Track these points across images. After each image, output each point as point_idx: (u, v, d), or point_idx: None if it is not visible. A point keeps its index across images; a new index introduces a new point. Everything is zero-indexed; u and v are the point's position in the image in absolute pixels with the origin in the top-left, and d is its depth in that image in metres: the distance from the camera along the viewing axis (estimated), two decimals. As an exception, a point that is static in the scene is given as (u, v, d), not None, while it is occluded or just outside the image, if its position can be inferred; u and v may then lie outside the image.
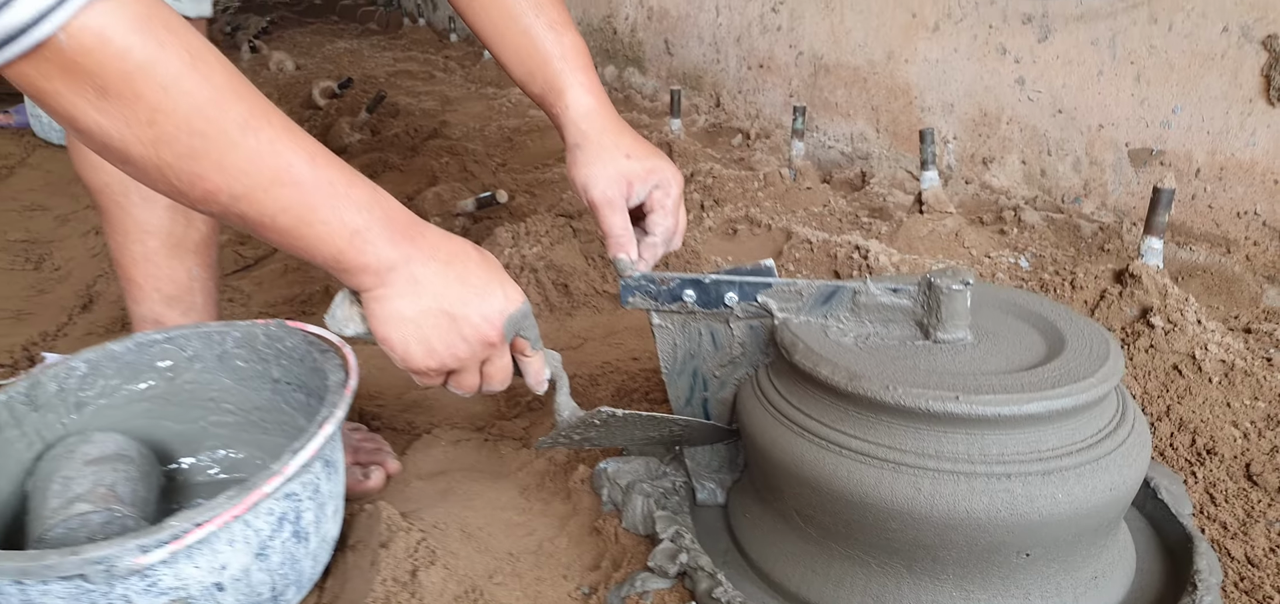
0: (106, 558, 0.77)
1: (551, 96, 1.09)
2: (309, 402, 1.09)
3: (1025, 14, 2.04)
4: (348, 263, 0.82)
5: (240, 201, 0.76)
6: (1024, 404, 0.84)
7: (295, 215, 0.78)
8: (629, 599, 0.97)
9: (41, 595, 0.79)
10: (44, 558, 0.77)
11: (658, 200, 1.10)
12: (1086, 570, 0.90)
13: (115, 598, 0.80)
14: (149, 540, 0.78)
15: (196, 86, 0.71)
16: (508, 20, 1.07)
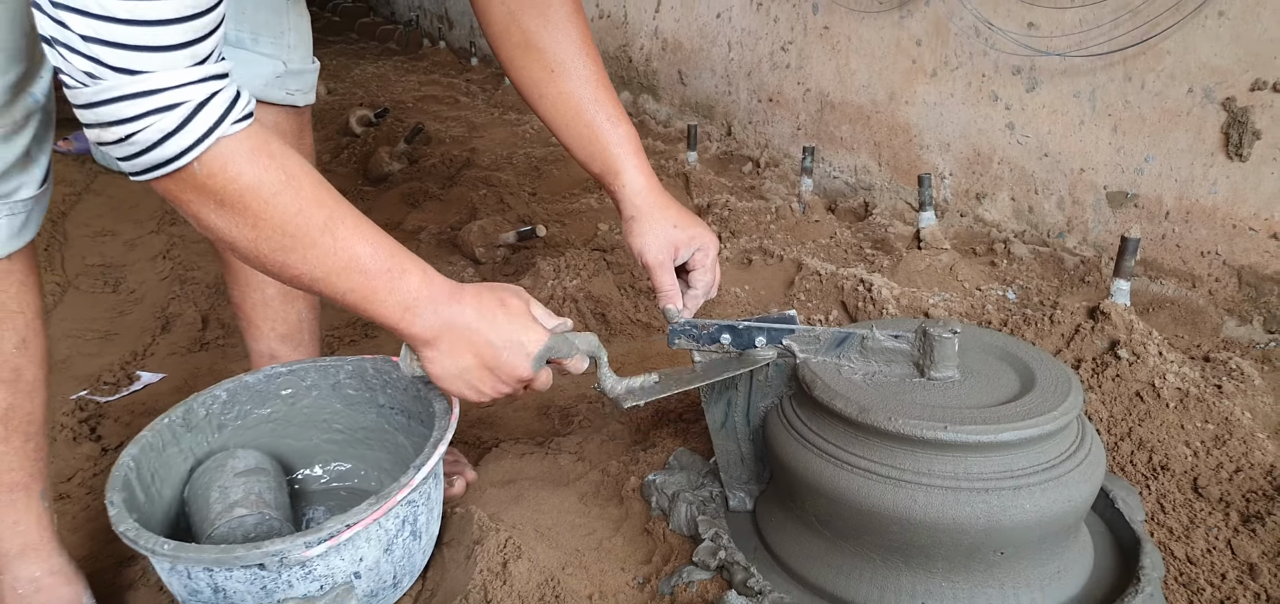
0: (281, 551, 0.99)
1: (609, 176, 1.30)
2: (409, 423, 1.31)
3: (1015, 66, 2.26)
4: (403, 331, 1.05)
5: (319, 284, 0.98)
6: (999, 433, 1.05)
7: (361, 296, 1.00)
8: (677, 587, 1.19)
9: (226, 580, 1.01)
10: (233, 551, 0.99)
11: (698, 261, 1.32)
12: (1051, 566, 1.12)
13: (281, 583, 1.02)
14: (313, 538, 1.00)
15: (289, 201, 0.93)
16: (574, 114, 1.28)
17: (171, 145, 0.84)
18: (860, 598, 1.13)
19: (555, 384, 1.79)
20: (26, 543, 1.13)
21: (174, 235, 2.87)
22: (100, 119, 0.83)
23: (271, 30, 1.28)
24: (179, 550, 0.99)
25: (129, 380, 1.97)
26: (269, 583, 1.02)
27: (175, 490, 1.22)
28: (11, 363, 1.07)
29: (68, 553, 1.18)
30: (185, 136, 0.84)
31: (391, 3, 8.59)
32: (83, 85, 0.81)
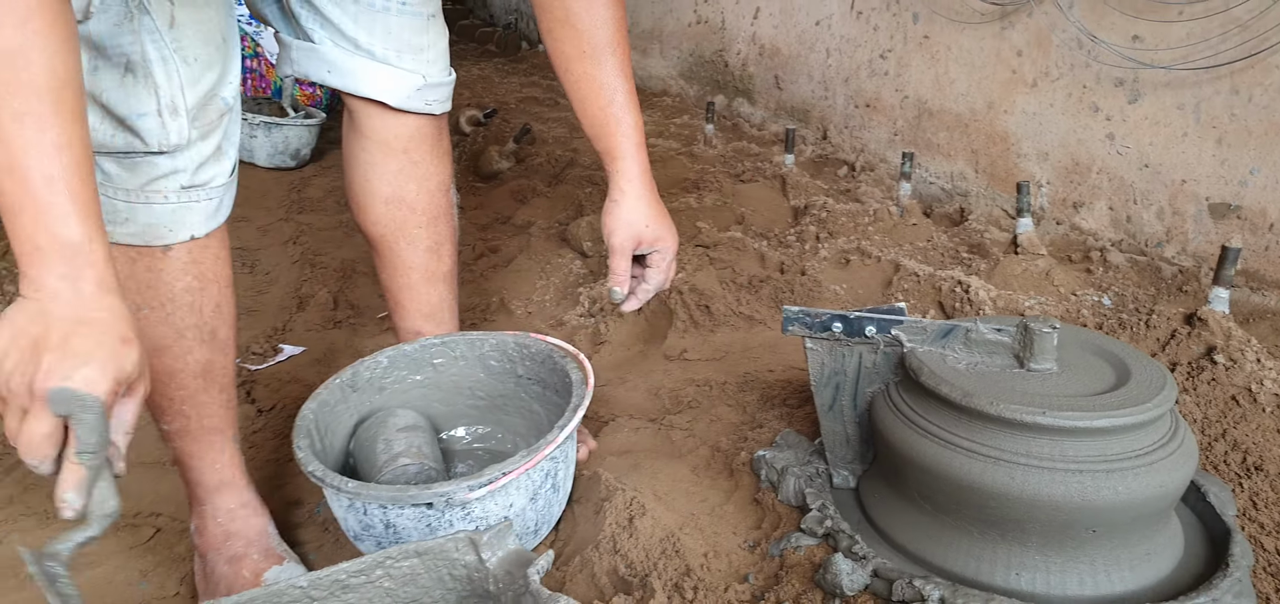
0: (447, 493, 1.13)
1: (611, 158, 1.40)
2: (544, 393, 1.45)
3: (1118, 78, 2.31)
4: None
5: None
6: (1094, 419, 1.14)
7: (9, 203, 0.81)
8: (786, 551, 1.30)
9: (397, 517, 1.16)
10: (406, 491, 1.14)
11: (655, 261, 1.43)
12: (1141, 548, 1.20)
13: (444, 522, 1.17)
14: (475, 483, 1.14)
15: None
16: (594, 95, 1.36)
17: None
18: (958, 567, 1.22)
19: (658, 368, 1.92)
20: (222, 479, 1.30)
21: (302, 224, 3.09)
22: None
23: (413, 47, 1.40)
24: (360, 489, 1.15)
25: (274, 352, 2.16)
26: (434, 521, 1.16)
27: (341, 441, 1.38)
28: (210, 324, 1.23)
29: (255, 489, 1.36)
30: None
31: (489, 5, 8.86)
32: None
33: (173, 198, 1.13)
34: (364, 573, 1.01)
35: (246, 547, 1.30)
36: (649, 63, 5.45)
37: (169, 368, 1.20)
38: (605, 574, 1.26)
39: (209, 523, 1.30)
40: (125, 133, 1.08)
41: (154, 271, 1.16)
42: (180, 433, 1.26)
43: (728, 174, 3.37)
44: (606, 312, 2.18)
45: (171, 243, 1.15)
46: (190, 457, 1.28)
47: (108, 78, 1.05)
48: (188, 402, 1.24)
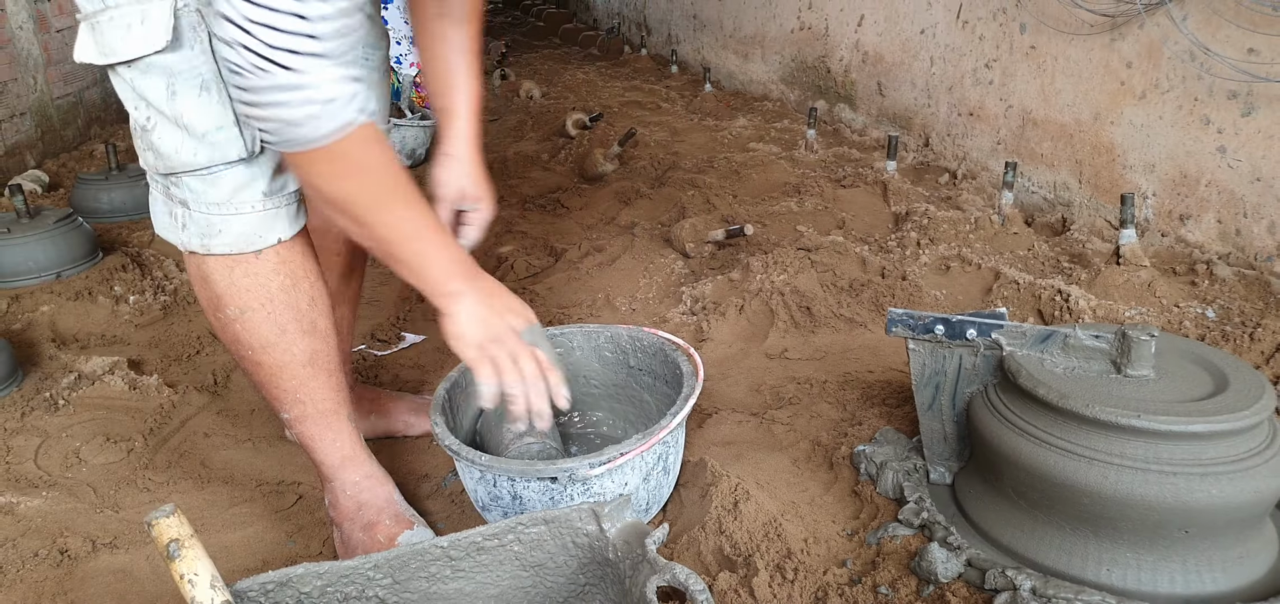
0: (570, 469, 1.25)
1: (450, 114, 1.50)
2: (655, 383, 1.55)
3: (1231, 91, 2.29)
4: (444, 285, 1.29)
5: (389, 244, 1.23)
6: (1190, 424, 1.19)
7: (417, 260, 1.26)
8: (883, 540, 1.38)
9: (524, 489, 1.28)
10: (534, 465, 1.25)
11: (473, 218, 1.52)
12: (1235, 551, 1.24)
13: (565, 496, 1.28)
14: (596, 461, 1.25)
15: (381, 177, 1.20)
16: (445, 53, 1.48)
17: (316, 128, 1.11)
18: (1050, 561, 1.28)
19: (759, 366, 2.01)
20: (345, 455, 1.42)
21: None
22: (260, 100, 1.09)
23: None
24: (492, 463, 1.27)
25: (398, 339, 2.32)
26: (557, 494, 1.28)
27: (470, 419, 1.51)
28: (308, 317, 1.35)
29: (376, 462, 1.49)
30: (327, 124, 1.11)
31: (592, 9, 9.05)
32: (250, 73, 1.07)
33: (259, 206, 1.25)
34: (497, 537, 1.12)
35: (377, 514, 1.41)
36: (750, 67, 5.52)
37: (279, 361, 1.33)
38: (711, 552, 1.35)
39: (340, 497, 1.43)
40: (207, 148, 1.20)
41: (252, 276, 1.29)
42: (299, 419, 1.38)
43: (829, 179, 3.43)
44: (708, 310, 2.28)
45: (262, 247, 1.28)
46: (312, 439, 1.41)
47: (186, 100, 1.18)
48: (301, 389, 1.36)
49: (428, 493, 1.57)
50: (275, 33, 1.05)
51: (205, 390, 1.86)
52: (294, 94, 1.08)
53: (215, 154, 1.21)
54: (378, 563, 1.08)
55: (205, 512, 1.49)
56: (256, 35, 1.05)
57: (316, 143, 1.12)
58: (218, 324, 1.32)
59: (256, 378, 1.36)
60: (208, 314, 1.33)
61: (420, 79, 4.40)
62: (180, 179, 1.22)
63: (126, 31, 1.15)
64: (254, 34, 1.05)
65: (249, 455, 1.66)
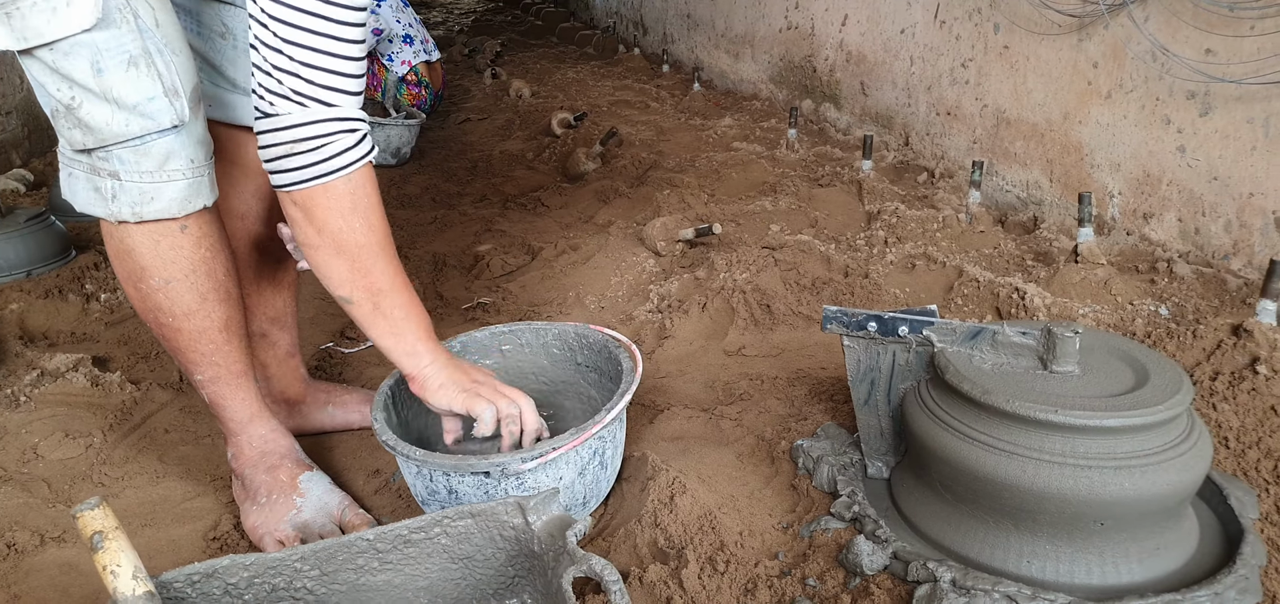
0: (502, 463, 1.28)
1: None
2: (600, 379, 1.59)
3: (1189, 91, 2.31)
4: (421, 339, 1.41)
5: (384, 294, 1.35)
6: (1103, 419, 1.21)
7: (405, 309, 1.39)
8: (815, 533, 1.41)
9: (459, 483, 1.31)
10: (467, 460, 1.29)
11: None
12: (1150, 542, 1.26)
13: (499, 491, 1.31)
14: (528, 455, 1.29)
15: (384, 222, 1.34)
16: None
17: (349, 156, 1.26)
18: (974, 554, 1.31)
19: (716, 363, 2.04)
20: (251, 413, 1.50)
21: (398, 219, 3.30)
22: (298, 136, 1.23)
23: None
24: (426, 458, 1.31)
25: (365, 337, 2.35)
26: (491, 488, 1.31)
27: (416, 417, 1.55)
28: (225, 285, 1.42)
29: (275, 418, 1.55)
30: (358, 151, 1.28)
31: (590, 8, 9.07)
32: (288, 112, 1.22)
33: (188, 172, 1.32)
34: (423, 530, 1.16)
35: (280, 459, 1.50)
36: (740, 66, 5.54)
37: (199, 328, 1.40)
38: (646, 545, 1.39)
39: (245, 447, 1.51)
40: (140, 118, 1.25)
41: (177, 248, 1.35)
42: (212, 380, 1.46)
43: (806, 178, 3.46)
44: (673, 308, 2.31)
45: (191, 211, 1.34)
46: (223, 399, 1.48)
47: (113, 75, 1.23)
48: (217, 353, 1.44)
49: (376, 488, 1.61)
50: (318, 70, 1.21)
51: (169, 387, 1.90)
52: (332, 124, 1.24)
53: (148, 124, 1.26)
54: (304, 555, 1.12)
55: (157, 507, 1.53)
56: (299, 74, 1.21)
57: (344, 172, 1.26)
58: (138, 295, 1.38)
59: (175, 343, 1.42)
60: (127, 286, 1.38)
61: (410, 76, 4.44)
62: (111, 151, 1.27)
63: (52, 14, 1.18)
64: (289, 71, 1.20)
65: (207, 451, 1.70)
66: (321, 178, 1.25)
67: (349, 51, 1.23)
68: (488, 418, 1.38)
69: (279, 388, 1.72)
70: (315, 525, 1.42)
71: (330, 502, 1.46)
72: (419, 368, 1.39)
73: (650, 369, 2.07)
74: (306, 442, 1.68)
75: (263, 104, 1.24)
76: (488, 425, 1.38)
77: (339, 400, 1.78)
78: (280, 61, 1.20)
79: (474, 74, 6.23)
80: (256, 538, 1.43)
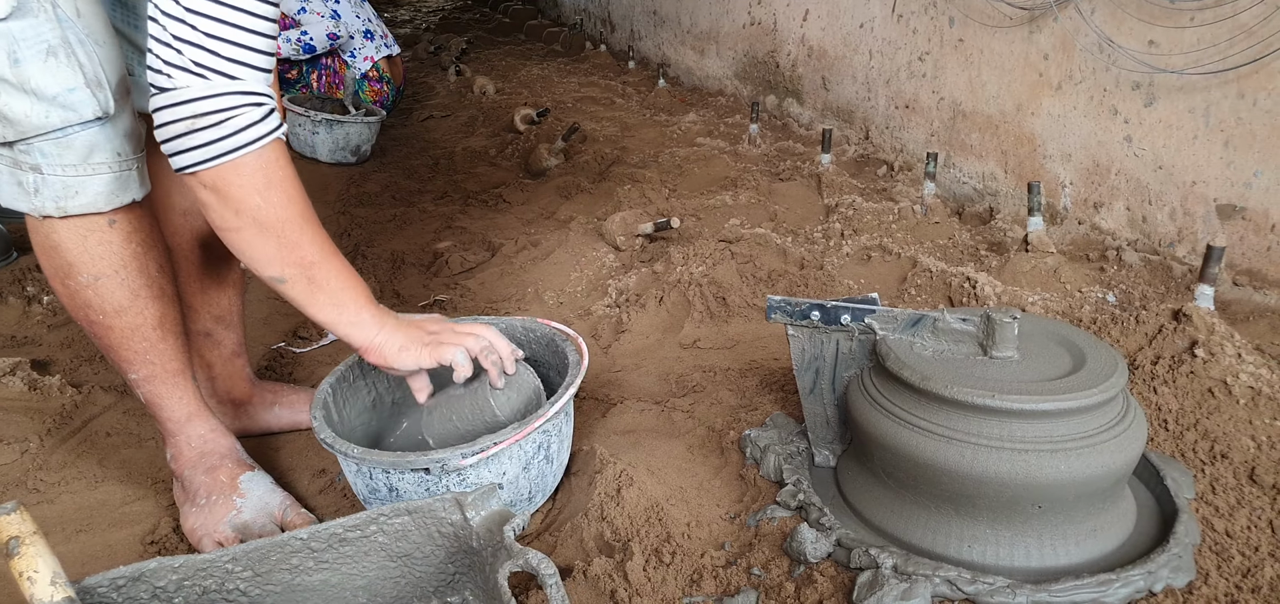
0: (442, 459, 1.27)
1: None
2: (548, 374, 1.58)
3: (1134, 82, 2.34)
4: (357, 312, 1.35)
5: (316, 266, 1.29)
6: (1039, 403, 1.23)
7: (343, 278, 1.33)
8: (762, 522, 1.41)
9: (399, 480, 1.31)
10: (406, 457, 1.28)
11: None
12: (1087, 524, 1.28)
13: (441, 487, 1.31)
14: (468, 451, 1.28)
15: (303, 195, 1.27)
16: None
17: (254, 131, 1.20)
18: (915, 539, 1.32)
19: (672, 355, 2.04)
20: (189, 412, 1.48)
21: (355, 216, 3.27)
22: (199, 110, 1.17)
23: None
24: (365, 455, 1.30)
25: (319, 335, 2.34)
26: (432, 485, 1.31)
27: (359, 415, 1.54)
28: (158, 282, 1.40)
29: (215, 418, 1.53)
30: (264, 127, 1.21)
31: (558, 5, 9.05)
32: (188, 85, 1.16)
33: (114, 166, 1.29)
34: (359, 528, 1.15)
35: (220, 459, 1.48)
36: (706, 63, 5.55)
37: (131, 325, 1.38)
38: (592, 539, 1.38)
39: (184, 448, 1.48)
40: (60, 110, 1.23)
41: (106, 244, 1.32)
42: (147, 379, 1.43)
43: (767, 173, 3.47)
44: (630, 302, 2.31)
45: (118, 206, 1.31)
46: (159, 398, 1.45)
47: (31, 66, 1.20)
48: (151, 351, 1.41)
49: (320, 488, 1.59)
50: (222, 42, 1.15)
51: (112, 390, 1.88)
52: (237, 97, 1.18)
53: (69, 115, 1.24)
54: (236, 556, 1.10)
55: (95, 512, 1.50)
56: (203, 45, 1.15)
57: (251, 148, 1.20)
58: (66, 292, 1.35)
59: (107, 342, 1.40)
60: (55, 282, 1.36)
61: (372, 72, 4.41)
62: (31, 144, 1.24)
63: None
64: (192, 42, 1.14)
65: (150, 454, 1.68)
66: (228, 155, 1.18)
67: (257, 24, 1.17)
68: (461, 360, 1.38)
69: (224, 388, 1.70)
70: (255, 526, 1.40)
71: (271, 502, 1.44)
72: (370, 337, 1.35)
73: (606, 363, 2.07)
74: (253, 442, 1.67)
75: (160, 78, 1.17)
76: (465, 366, 1.37)
77: (286, 400, 1.77)
78: (182, 31, 1.14)
79: (439, 71, 6.19)
80: (195, 540, 1.41)
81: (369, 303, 1.36)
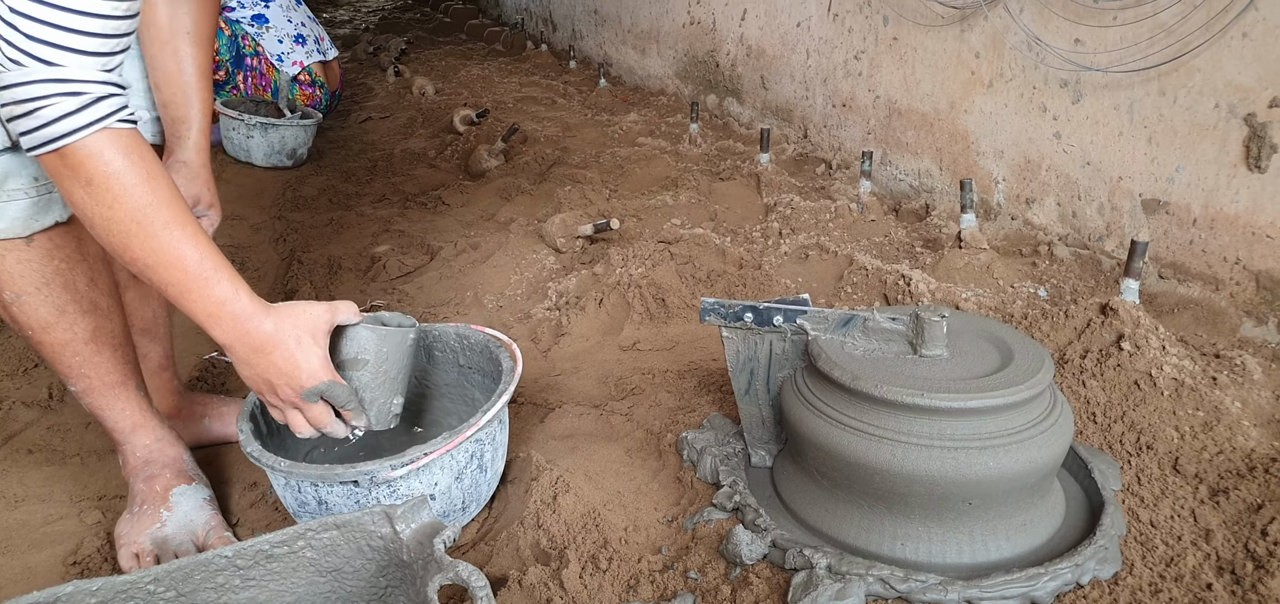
0: (371, 471, 1.25)
1: (181, 126, 1.53)
2: (484, 381, 1.57)
3: (1062, 79, 2.39)
4: (208, 332, 1.22)
5: (150, 271, 1.16)
6: (967, 401, 1.24)
7: (177, 291, 1.17)
8: (699, 524, 1.41)
9: (328, 494, 1.28)
10: (334, 470, 1.26)
11: (202, 224, 1.48)
12: (1017, 519, 1.30)
13: (371, 499, 1.29)
14: (397, 462, 1.26)
15: (143, 195, 1.12)
16: (174, 66, 1.51)
17: (67, 123, 1.07)
18: (849, 538, 1.33)
19: (612, 358, 2.04)
20: (135, 422, 1.45)
21: (292, 221, 3.21)
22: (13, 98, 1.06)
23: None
24: (293, 468, 1.27)
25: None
26: (361, 498, 1.28)
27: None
28: (88, 296, 1.36)
29: (166, 428, 1.50)
30: (79, 118, 1.08)
31: (500, 5, 8.98)
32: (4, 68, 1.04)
33: (31, 191, 1.25)
34: (287, 544, 1.13)
35: (161, 469, 1.46)
36: (647, 62, 5.55)
37: (60, 340, 1.34)
38: (528, 547, 1.37)
39: (129, 457, 1.46)
40: None
41: (25, 262, 1.28)
42: (87, 391, 1.40)
43: (708, 173, 3.48)
44: (570, 304, 2.30)
45: (36, 231, 1.27)
46: (101, 409, 1.43)
47: None
48: (86, 365, 1.38)
49: (252, 502, 1.56)
50: (39, 24, 1.04)
51: (36, 406, 1.82)
52: (50, 85, 1.06)
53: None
54: (158, 576, 1.07)
55: (13, 533, 1.45)
56: (18, 27, 1.04)
57: (68, 139, 1.08)
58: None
59: (42, 354, 1.37)
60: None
61: (303, 76, 4.33)
62: None
63: None
64: (16, 25, 1.04)
65: (74, 471, 1.62)
66: (45, 145, 1.08)
67: (85, 5, 1.06)
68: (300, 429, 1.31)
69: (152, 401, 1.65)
70: (174, 542, 1.37)
71: (196, 520, 1.41)
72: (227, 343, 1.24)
73: (545, 366, 2.06)
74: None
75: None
76: (303, 431, 1.31)
77: (217, 413, 1.72)
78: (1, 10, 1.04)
79: (378, 72, 6.11)
80: (116, 548, 1.39)
81: (214, 324, 1.21)
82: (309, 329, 1.26)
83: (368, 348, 1.33)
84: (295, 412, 1.29)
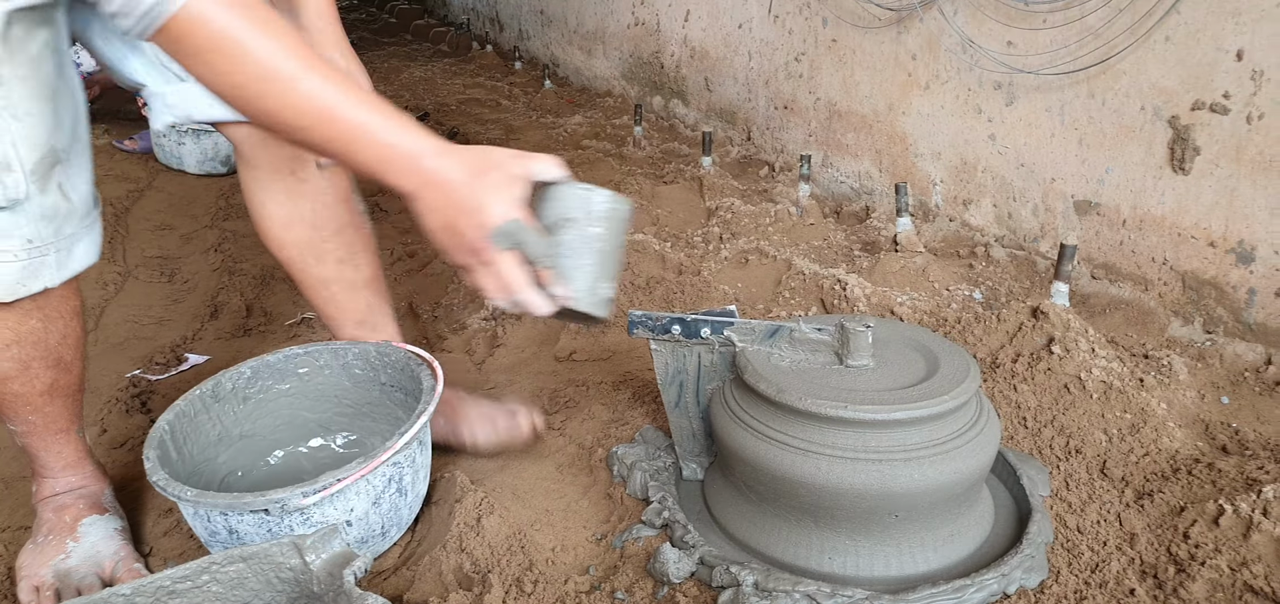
0: (282, 499, 1.21)
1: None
2: (406, 400, 1.52)
3: (996, 81, 2.40)
4: (383, 184, 1.07)
5: (303, 133, 1.02)
6: (892, 412, 1.23)
7: (341, 144, 1.03)
8: (627, 542, 1.38)
9: (238, 522, 1.23)
10: (242, 498, 1.21)
11: None
12: (944, 530, 1.29)
13: (283, 528, 1.24)
14: (309, 489, 1.21)
15: (263, 45, 0.99)
16: None
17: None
18: (778, 553, 1.31)
19: (547, 370, 2.00)
20: (67, 463, 1.40)
21: (226, 230, 3.13)
22: None
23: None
24: (200, 497, 1.22)
25: (178, 361, 2.21)
26: (273, 526, 1.24)
27: (204, 452, 1.45)
28: (55, 352, 1.28)
29: (97, 465, 1.46)
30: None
31: (446, 5, 8.89)
32: None
33: (22, 254, 1.15)
34: (189, 578, 1.08)
35: (74, 499, 1.40)
36: (594, 63, 5.52)
37: (16, 392, 1.27)
38: (451, 572, 1.33)
39: (46, 489, 1.40)
40: None
41: (0, 321, 1.19)
42: (27, 433, 1.34)
43: (651, 176, 3.46)
44: (506, 314, 2.26)
45: (22, 296, 1.17)
46: (35, 449, 1.37)
47: None
48: (34, 413, 1.32)
49: (166, 530, 1.50)
50: None
51: (-60, 434, 1.74)
52: None
53: None
54: (47, 617, 1.02)
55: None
56: None
57: (165, 10, 0.96)
58: None
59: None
60: None
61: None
62: None
63: None
64: None
65: (-10, 499, 1.56)
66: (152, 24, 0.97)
67: None
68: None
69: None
70: (77, 575, 1.31)
71: (103, 551, 1.35)
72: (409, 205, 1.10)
73: (479, 379, 2.01)
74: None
75: None
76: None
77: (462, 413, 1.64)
78: None
79: None
80: (17, 580, 1.32)
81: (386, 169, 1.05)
82: (499, 166, 1.08)
83: (574, 205, 1.11)
84: (484, 268, 1.08)
